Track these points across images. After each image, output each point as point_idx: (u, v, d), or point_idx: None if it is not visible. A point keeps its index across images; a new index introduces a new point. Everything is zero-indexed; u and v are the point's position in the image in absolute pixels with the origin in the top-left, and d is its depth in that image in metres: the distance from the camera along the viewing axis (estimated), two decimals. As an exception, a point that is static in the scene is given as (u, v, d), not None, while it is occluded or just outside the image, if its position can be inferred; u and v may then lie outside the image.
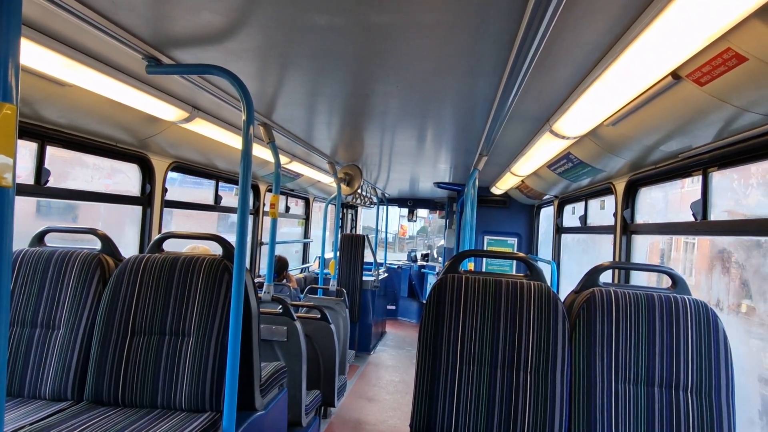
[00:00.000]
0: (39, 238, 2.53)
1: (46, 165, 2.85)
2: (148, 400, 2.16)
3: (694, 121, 2.02)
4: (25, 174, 2.82)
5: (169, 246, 2.57)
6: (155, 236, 2.56)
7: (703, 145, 2.30)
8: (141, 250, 3.77)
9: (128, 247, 3.76)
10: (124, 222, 3.92)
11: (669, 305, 2.06)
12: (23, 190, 2.76)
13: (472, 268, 4.63)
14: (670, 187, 3.33)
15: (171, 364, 2.19)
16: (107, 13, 1.75)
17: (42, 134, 2.78)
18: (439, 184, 7.37)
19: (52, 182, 2.90)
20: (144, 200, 3.76)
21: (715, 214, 2.58)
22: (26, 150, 2.80)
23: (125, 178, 3.78)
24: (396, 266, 10.79)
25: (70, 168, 3.44)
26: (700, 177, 2.60)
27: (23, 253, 2.40)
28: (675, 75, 1.78)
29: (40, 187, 2.84)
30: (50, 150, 2.88)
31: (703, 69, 1.64)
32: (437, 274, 9.39)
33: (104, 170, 3.83)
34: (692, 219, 2.65)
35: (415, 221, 12.15)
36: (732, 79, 1.58)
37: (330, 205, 7.13)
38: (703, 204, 2.57)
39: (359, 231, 11.77)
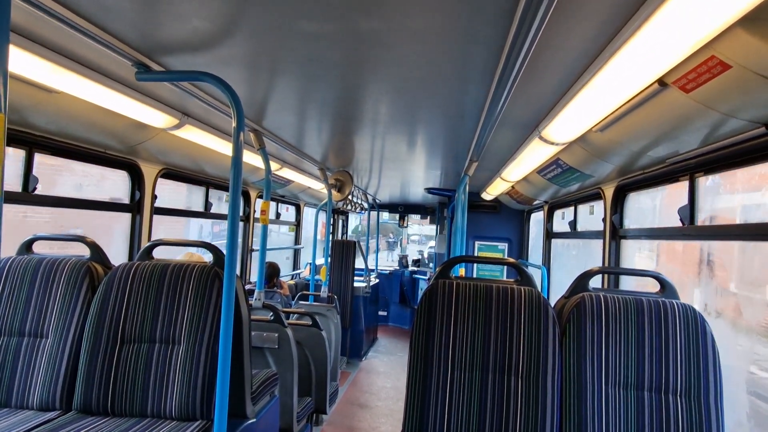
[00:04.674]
0: (27, 246, 2.50)
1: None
2: (138, 409, 2.14)
3: (680, 127, 2.05)
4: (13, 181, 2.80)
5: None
6: (145, 244, 2.54)
7: (690, 151, 2.32)
8: (130, 257, 3.74)
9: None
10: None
11: (658, 309, 2.07)
12: (10, 197, 2.74)
13: (463, 274, 4.65)
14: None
15: (161, 373, 2.17)
16: (96, 19, 1.74)
17: (30, 141, 2.76)
18: (429, 190, 7.38)
19: (40, 189, 2.88)
20: (133, 207, 3.73)
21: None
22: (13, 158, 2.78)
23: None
24: (387, 272, 10.79)
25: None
26: (687, 182, 2.63)
27: (11, 262, 2.37)
28: (661, 82, 1.80)
29: (27, 195, 2.81)
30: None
31: (688, 76, 1.66)
32: (428, 279, 9.39)
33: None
34: (680, 224, 2.68)
35: (406, 227, 12.14)
36: (717, 86, 1.60)
37: (321, 212, 7.12)
38: (690, 209, 2.60)
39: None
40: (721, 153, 2.20)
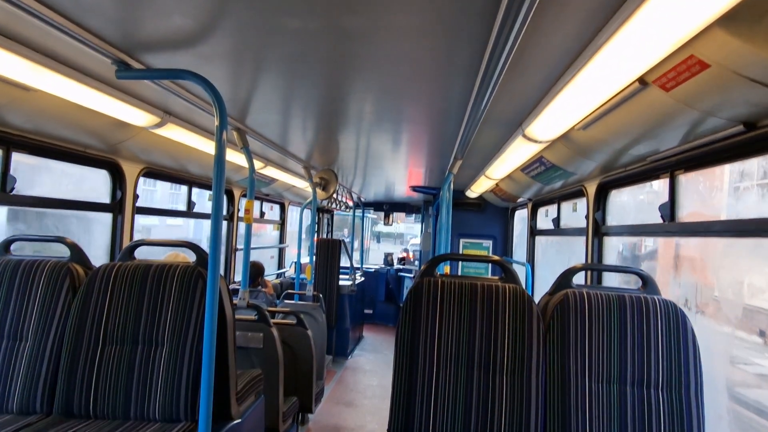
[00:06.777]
0: (5, 248, 2.45)
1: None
2: (121, 411, 2.11)
3: (660, 125, 2.08)
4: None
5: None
6: (126, 244, 2.51)
7: (670, 149, 2.36)
8: (112, 258, 3.69)
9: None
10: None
11: (640, 305, 2.10)
12: None
13: (449, 272, 4.66)
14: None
15: (144, 374, 2.14)
16: (74, 16, 1.71)
17: (7, 140, 2.71)
18: (414, 188, 7.40)
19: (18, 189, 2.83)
20: (114, 207, 3.68)
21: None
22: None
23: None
24: (373, 270, 10.79)
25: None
26: (668, 180, 2.67)
27: None
28: (642, 81, 1.82)
29: (5, 195, 2.76)
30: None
31: (668, 75, 1.68)
32: (414, 277, 9.41)
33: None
34: (661, 221, 2.72)
35: (390, 225, 12.12)
36: (696, 85, 1.62)
37: (306, 210, 7.09)
38: (671, 206, 2.63)
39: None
40: (701, 151, 2.24)
